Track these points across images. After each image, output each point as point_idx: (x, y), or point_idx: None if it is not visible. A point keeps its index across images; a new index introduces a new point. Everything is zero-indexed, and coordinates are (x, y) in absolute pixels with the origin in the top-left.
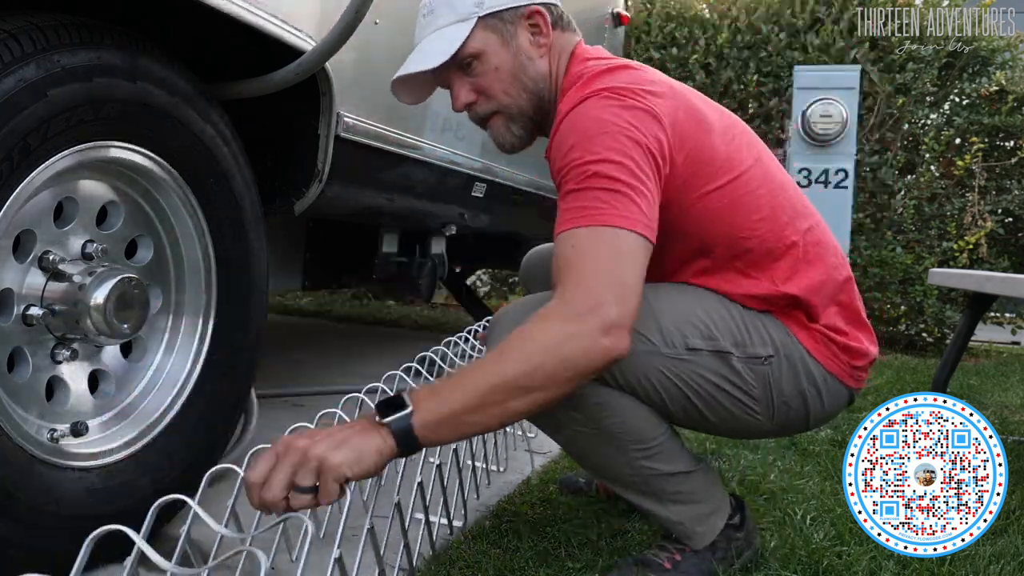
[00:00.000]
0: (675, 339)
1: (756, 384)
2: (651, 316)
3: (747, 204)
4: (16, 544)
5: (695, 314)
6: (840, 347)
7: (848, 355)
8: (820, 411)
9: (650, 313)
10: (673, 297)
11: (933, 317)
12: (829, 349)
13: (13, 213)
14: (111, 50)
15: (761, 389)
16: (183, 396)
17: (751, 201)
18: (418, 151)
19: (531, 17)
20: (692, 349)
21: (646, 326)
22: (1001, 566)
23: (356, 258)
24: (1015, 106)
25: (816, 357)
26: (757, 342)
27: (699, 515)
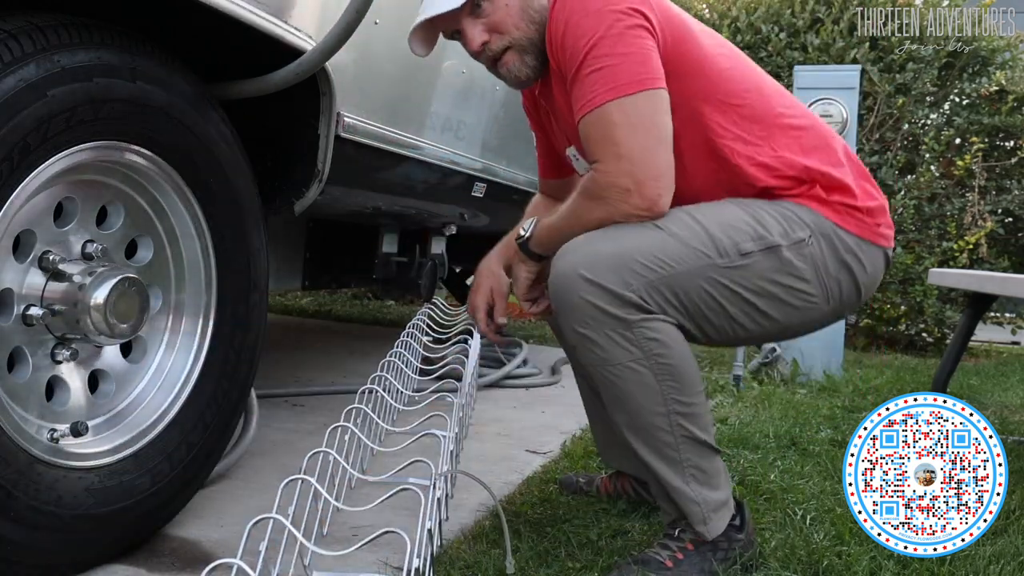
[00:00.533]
0: (727, 248)
1: (806, 267)
2: (701, 231)
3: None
4: (16, 544)
5: (739, 218)
6: (860, 211)
7: (869, 216)
8: (865, 278)
9: (699, 230)
10: (715, 210)
11: (933, 317)
12: (852, 216)
13: (13, 213)
14: (111, 50)
15: (811, 271)
16: (183, 396)
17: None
18: (418, 151)
19: None
20: (745, 253)
21: (699, 241)
22: (1001, 566)
23: (356, 258)
24: (1015, 106)
25: (844, 227)
26: (796, 226)
27: (715, 502)
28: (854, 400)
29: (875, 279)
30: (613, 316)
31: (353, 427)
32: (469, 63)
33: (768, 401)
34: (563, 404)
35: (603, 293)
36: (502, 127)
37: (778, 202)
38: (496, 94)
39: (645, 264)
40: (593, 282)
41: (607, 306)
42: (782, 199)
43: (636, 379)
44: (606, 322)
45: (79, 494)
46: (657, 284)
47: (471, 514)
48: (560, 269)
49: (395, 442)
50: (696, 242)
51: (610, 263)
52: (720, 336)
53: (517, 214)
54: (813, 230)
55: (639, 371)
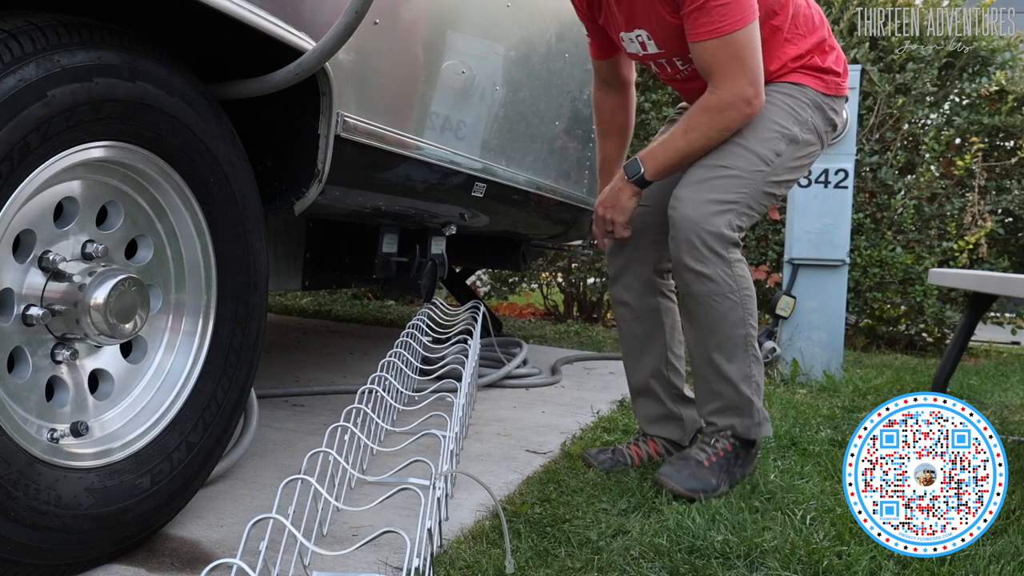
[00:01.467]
0: (769, 156)
1: (811, 136)
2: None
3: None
4: (16, 544)
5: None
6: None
7: (839, 77)
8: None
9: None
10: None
11: (933, 317)
12: (833, 82)
13: (13, 213)
14: (111, 50)
15: (814, 135)
16: (183, 396)
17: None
18: (418, 151)
19: None
20: (779, 153)
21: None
22: (1001, 566)
23: (356, 258)
24: (1015, 106)
25: (826, 92)
26: (800, 109)
27: (758, 410)
28: (854, 400)
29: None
30: (721, 256)
31: (353, 427)
32: (469, 63)
33: (768, 401)
34: (563, 404)
35: (717, 238)
36: (502, 127)
37: (784, 84)
38: (496, 94)
39: (736, 203)
40: (711, 232)
41: (720, 248)
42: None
43: (730, 306)
44: (717, 262)
45: (79, 494)
46: (745, 212)
47: (471, 514)
48: (682, 213)
49: (395, 442)
50: (754, 166)
51: (717, 210)
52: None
53: (517, 214)
54: (809, 103)
55: (733, 300)
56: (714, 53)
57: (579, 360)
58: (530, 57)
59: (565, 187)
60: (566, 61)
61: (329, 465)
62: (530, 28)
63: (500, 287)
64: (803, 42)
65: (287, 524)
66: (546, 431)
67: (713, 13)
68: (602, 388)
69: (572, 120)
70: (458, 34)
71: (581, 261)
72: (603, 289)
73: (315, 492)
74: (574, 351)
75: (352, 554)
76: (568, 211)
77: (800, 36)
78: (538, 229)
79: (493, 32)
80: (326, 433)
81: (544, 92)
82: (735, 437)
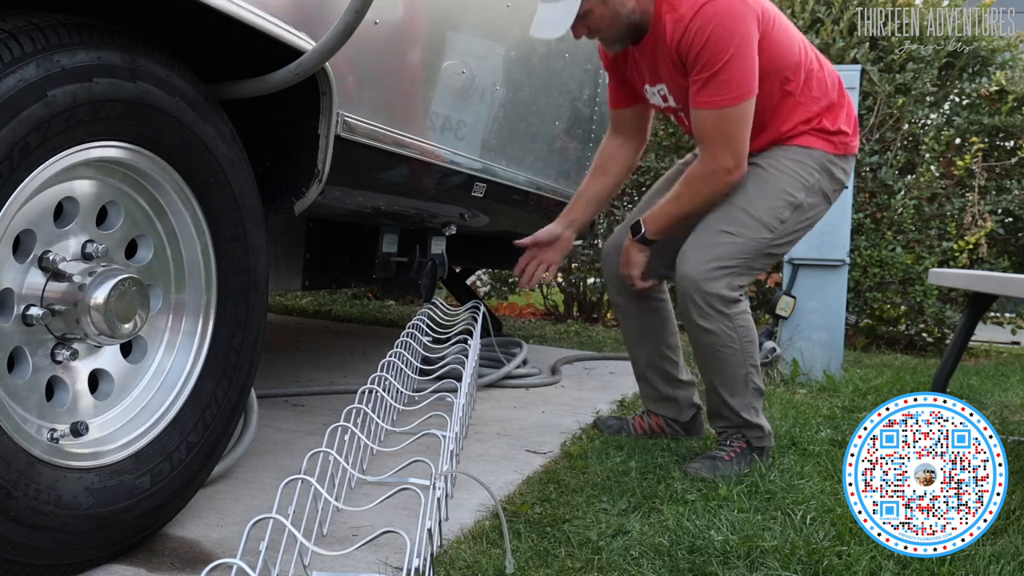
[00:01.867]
0: (773, 224)
1: (817, 200)
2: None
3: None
4: (16, 544)
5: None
6: (845, 134)
7: (848, 137)
8: (845, 179)
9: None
10: (759, 195)
11: (933, 317)
12: (841, 143)
13: (13, 213)
14: (111, 50)
15: (820, 198)
16: (183, 396)
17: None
18: (418, 151)
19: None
20: (783, 220)
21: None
22: (1001, 566)
23: (356, 258)
24: (1015, 106)
25: (835, 152)
26: (806, 175)
27: (761, 427)
28: (854, 400)
29: (849, 175)
30: (723, 313)
31: (353, 427)
32: (469, 63)
33: (768, 401)
34: (563, 404)
35: (718, 299)
36: (502, 127)
37: (794, 148)
38: (496, 94)
39: (736, 267)
40: (711, 294)
41: (720, 306)
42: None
43: (731, 353)
44: (719, 318)
45: (79, 494)
46: (744, 274)
47: (471, 514)
48: (684, 272)
49: (396, 442)
50: (757, 233)
51: (719, 271)
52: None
53: (517, 214)
54: (817, 167)
55: (735, 348)
56: (707, 122)
57: (579, 360)
58: (530, 57)
59: (565, 187)
60: (566, 61)
61: (329, 465)
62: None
63: (500, 287)
64: (814, 105)
65: (287, 524)
66: (546, 431)
67: (713, 86)
68: (602, 388)
69: (572, 120)
70: (458, 34)
71: (581, 261)
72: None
73: (315, 492)
74: (574, 351)
75: (352, 554)
76: None
77: (813, 99)
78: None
79: (493, 32)
80: (326, 433)
81: (544, 92)
82: (745, 439)
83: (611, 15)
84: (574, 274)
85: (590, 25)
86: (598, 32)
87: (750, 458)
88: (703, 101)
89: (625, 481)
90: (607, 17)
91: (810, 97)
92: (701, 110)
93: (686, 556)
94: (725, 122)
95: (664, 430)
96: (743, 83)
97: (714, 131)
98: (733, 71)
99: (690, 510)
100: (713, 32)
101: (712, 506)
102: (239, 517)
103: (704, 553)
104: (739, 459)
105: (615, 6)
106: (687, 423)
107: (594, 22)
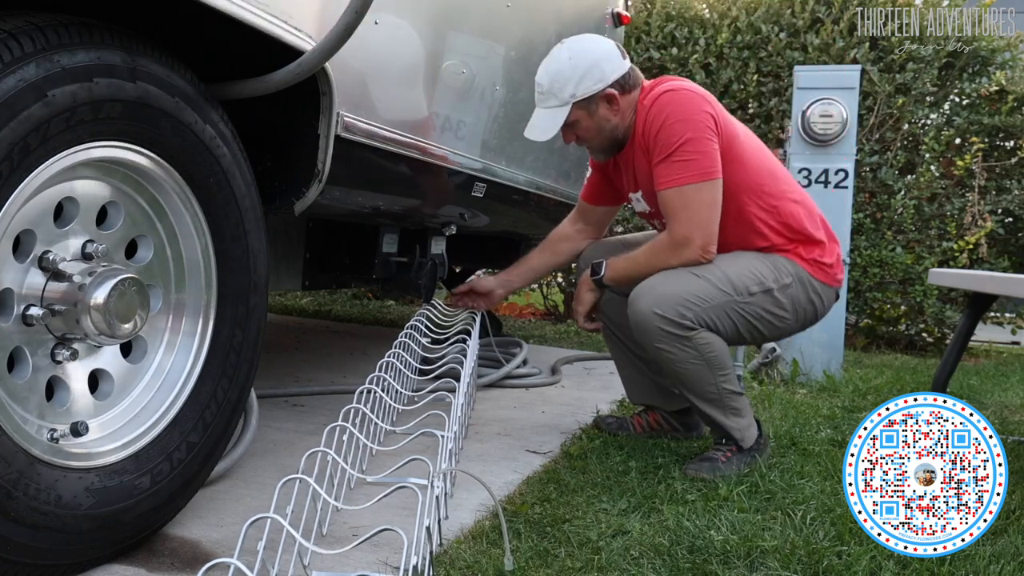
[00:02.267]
0: (741, 288)
1: (787, 303)
2: (725, 278)
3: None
4: (16, 544)
5: (749, 269)
6: (825, 265)
7: (830, 268)
8: (823, 308)
9: (723, 276)
10: (735, 262)
11: (933, 317)
12: (820, 269)
13: (13, 213)
14: (111, 50)
15: (790, 305)
16: (183, 396)
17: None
18: (418, 151)
19: (607, 97)
20: (752, 293)
21: (724, 285)
22: (1001, 566)
23: (356, 258)
24: (1015, 106)
25: (813, 275)
26: (783, 275)
27: (746, 425)
28: (854, 400)
29: (830, 307)
30: (676, 335)
31: (351, 427)
32: (469, 63)
33: (768, 401)
34: (563, 404)
35: (669, 322)
36: (502, 127)
37: (773, 256)
38: (496, 94)
39: (692, 301)
40: (663, 316)
41: (672, 329)
42: (776, 254)
43: (695, 368)
44: (673, 339)
45: (79, 494)
46: (699, 313)
47: (471, 514)
48: (639, 307)
49: (395, 441)
50: (722, 285)
51: (671, 302)
52: (731, 339)
53: (517, 214)
54: (794, 278)
55: (697, 363)
56: (671, 199)
57: (579, 360)
58: (530, 57)
59: (565, 187)
60: None
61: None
62: (530, 28)
63: None
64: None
65: (285, 524)
66: (546, 431)
67: (673, 165)
68: (602, 388)
69: None
70: (458, 34)
71: None
72: None
73: (314, 492)
74: (574, 351)
75: (352, 553)
76: (568, 211)
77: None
78: (538, 229)
79: (493, 32)
80: (324, 433)
81: None
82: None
83: (596, 127)
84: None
85: (578, 134)
86: (585, 141)
87: (750, 458)
88: (664, 181)
89: (625, 481)
90: (593, 129)
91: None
92: (664, 191)
93: (686, 556)
94: (687, 198)
95: (662, 426)
96: (703, 164)
97: (678, 207)
98: (691, 152)
99: (690, 510)
100: (670, 115)
101: (712, 506)
102: (239, 517)
103: (704, 553)
104: (738, 459)
105: (600, 120)
106: (682, 418)
107: (581, 131)
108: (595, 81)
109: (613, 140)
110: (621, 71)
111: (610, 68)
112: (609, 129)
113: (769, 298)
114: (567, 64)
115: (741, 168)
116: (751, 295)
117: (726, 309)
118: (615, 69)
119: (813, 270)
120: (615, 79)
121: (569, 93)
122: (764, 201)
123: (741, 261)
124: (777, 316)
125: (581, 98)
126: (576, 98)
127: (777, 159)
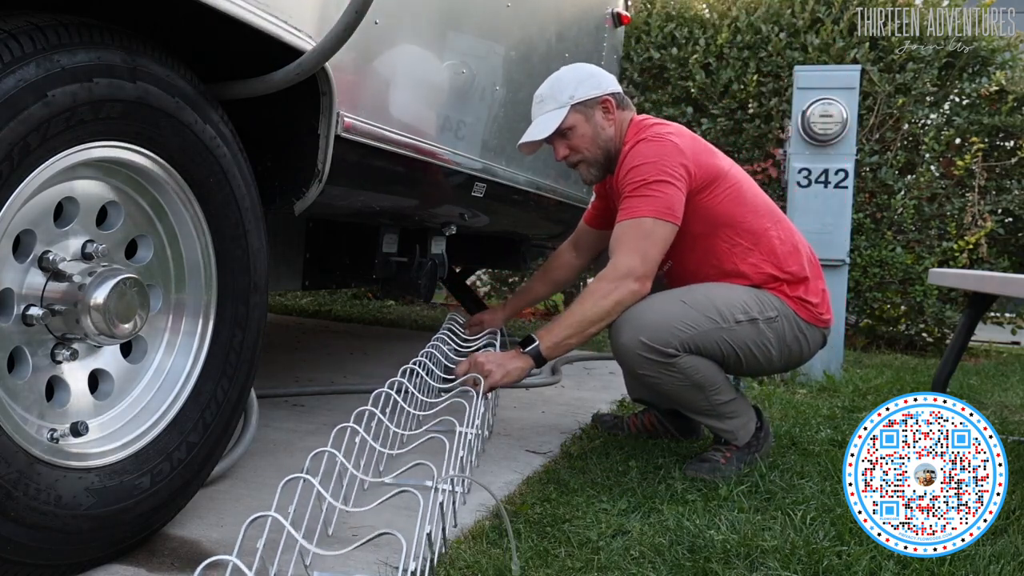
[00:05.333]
0: (727, 316)
1: (772, 336)
2: (711, 305)
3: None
4: (16, 544)
5: (735, 298)
6: (811, 304)
7: (816, 308)
8: (808, 349)
9: (709, 304)
10: (723, 291)
11: (933, 317)
12: (805, 308)
13: (13, 213)
14: (111, 50)
15: (775, 339)
16: (183, 396)
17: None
18: (418, 151)
19: (604, 103)
20: (737, 321)
21: (711, 311)
22: (1001, 566)
23: (356, 258)
24: (1015, 106)
25: (799, 314)
26: (768, 309)
27: (742, 424)
28: (854, 400)
29: (815, 350)
30: (660, 362)
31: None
32: (469, 63)
33: (768, 401)
34: (563, 404)
35: (652, 350)
36: (502, 127)
37: (759, 290)
38: (496, 94)
39: (678, 328)
40: (646, 344)
41: (656, 357)
42: (762, 289)
43: (684, 388)
44: (657, 366)
45: (79, 494)
46: (684, 340)
47: (471, 514)
48: (623, 339)
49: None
50: (708, 312)
51: (655, 329)
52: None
53: (517, 214)
54: (780, 312)
55: (685, 384)
56: (623, 229)
57: (579, 360)
58: (530, 57)
59: (565, 187)
60: (566, 61)
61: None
62: (530, 28)
63: (500, 287)
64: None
65: (285, 523)
66: (546, 431)
67: (633, 199)
68: (602, 388)
69: None
70: (458, 34)
71: None
72: None
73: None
74: (574, 351)
75: (352, 554)
76: (568, 211)
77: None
78: (538, 229)
79: (493, 32)
80: (332, 434)
81: None
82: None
83: (592, 135)
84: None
85: (571, 144)
86: (578, 152)
87: (750, 456)
88: (623, 214)
89: (625, 481)
90: (588, 136)
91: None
92: (620, 222)
93: (686, 556)
94: (639, 229)
95: (656, 428)
96: (663, 204)
97: (627, 237)
98: (654, 192)
99: (690, 510)
100: (641, 159)
101: (712, 506)
102: (239, 517)
103: (704, 553)
104: (738, 458)
105: (596, 128)
106: (678, 422)
107: (575, 140)
108: (593, 87)
109: (607, 153)
110: (616, 88)
111: (606, 81)
112: (604, 140)
113: (755, 328)
114: (567, 72)
115: (726, 203)
116: (737, 323)
117: (712, 336)
118: (611, 84)
119: (798, 308)
120: (611, 91)
121: (568, 95)
122: (745, 238)
123: (727, 290)
124: (761, 349)
125: (579, 100)
126: (575, 99)
127: (766, 195)
